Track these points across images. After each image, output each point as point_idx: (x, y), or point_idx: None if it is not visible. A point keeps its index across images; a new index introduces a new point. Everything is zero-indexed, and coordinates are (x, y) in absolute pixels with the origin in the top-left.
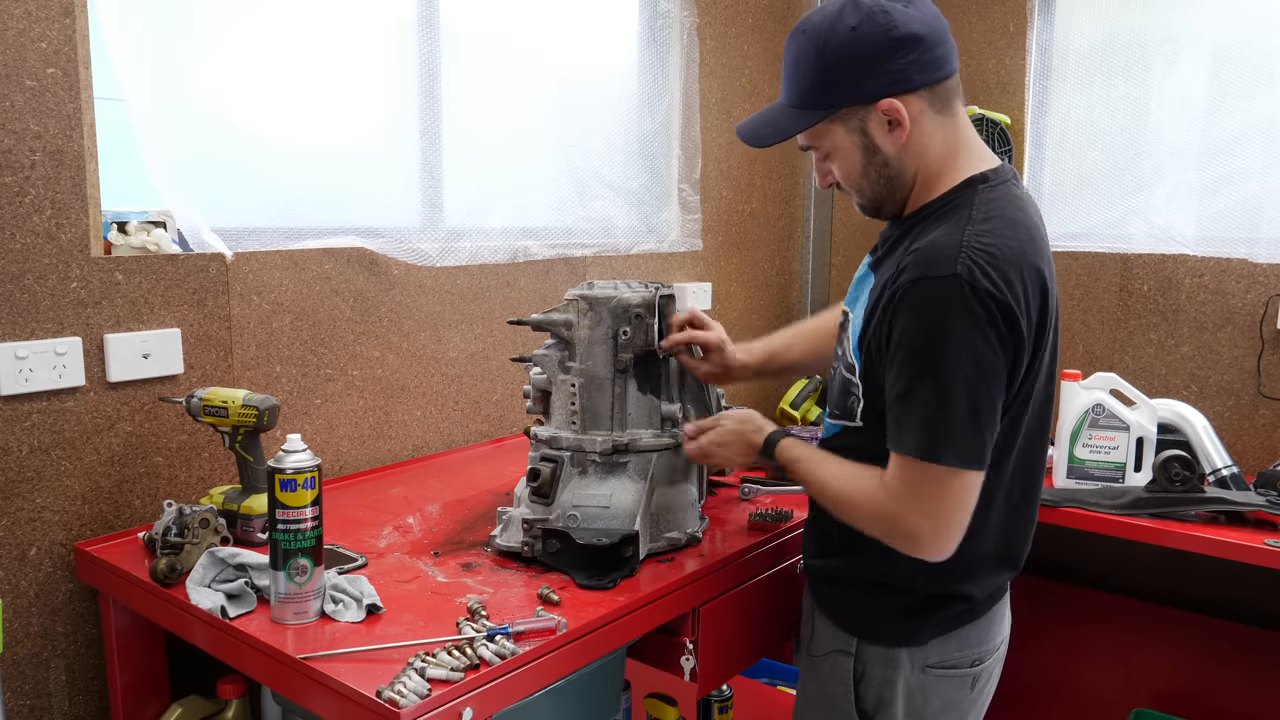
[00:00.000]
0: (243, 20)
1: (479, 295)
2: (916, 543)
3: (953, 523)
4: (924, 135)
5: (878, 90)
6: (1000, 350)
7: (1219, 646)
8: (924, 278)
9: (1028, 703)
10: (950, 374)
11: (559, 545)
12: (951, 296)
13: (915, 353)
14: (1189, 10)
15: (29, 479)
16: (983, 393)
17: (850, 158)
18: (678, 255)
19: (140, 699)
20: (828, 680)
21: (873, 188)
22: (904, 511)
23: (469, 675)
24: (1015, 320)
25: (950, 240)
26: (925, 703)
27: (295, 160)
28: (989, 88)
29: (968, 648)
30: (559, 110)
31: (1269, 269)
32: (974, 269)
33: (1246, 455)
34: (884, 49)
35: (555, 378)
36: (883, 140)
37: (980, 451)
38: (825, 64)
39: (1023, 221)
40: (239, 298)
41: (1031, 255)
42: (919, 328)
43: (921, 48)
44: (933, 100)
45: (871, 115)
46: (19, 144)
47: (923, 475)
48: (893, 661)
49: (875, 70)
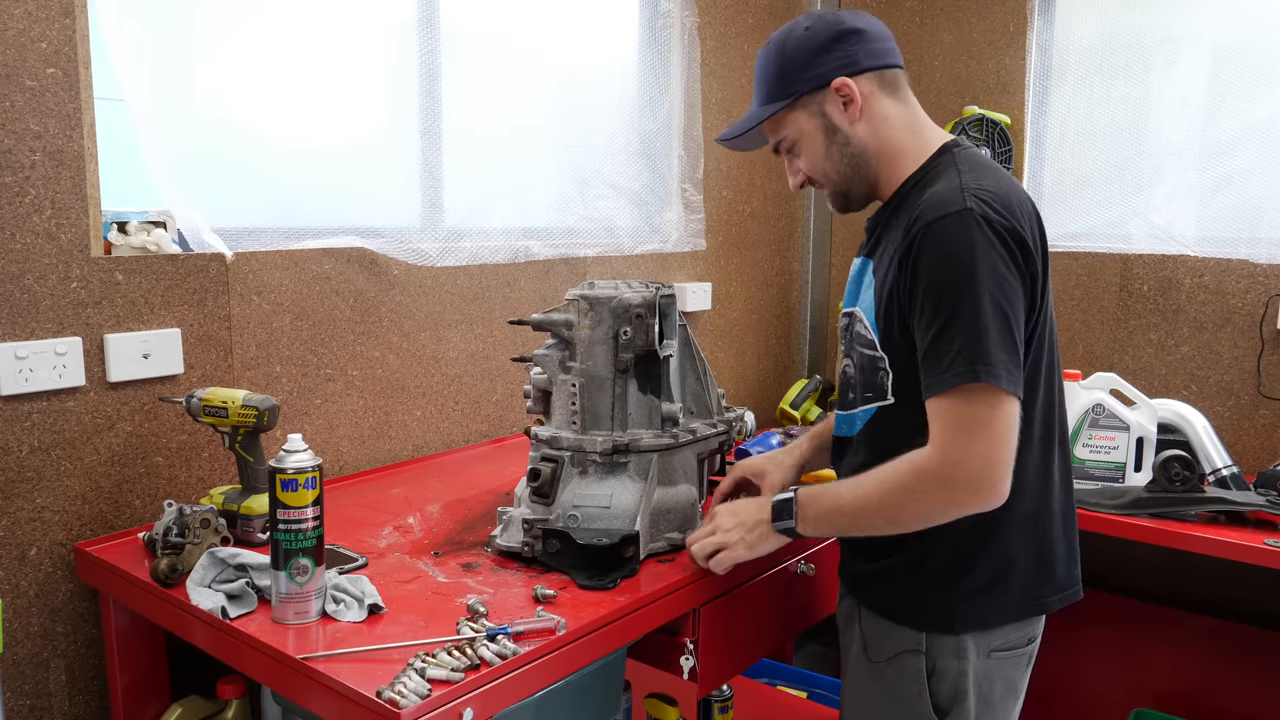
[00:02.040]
0: (243, 20)
1: (479, 295)
2: (975, 483)
3: (1003, 451)
4: (877, 113)
5: (829, 73)
6: (1020, 279)
7: (1219, 646)
8: (939, 217)
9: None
10: (981, 299)
11: (559, 545)
12: (968, 227)
13: (944, 287)
14: (1189, 10)
15: (29, 479)
16: (1013, 317)
17: (814, 142)
18: (678, 255)
19: (140, 699)
20: (896, 683)
21: (838, 169)
22: (957, 454)
23: (469, 675)
24: (1026, 247)
25: (950, 186)
26: (991, 688)
27: (295, 160)
28: (989, 88)
29: (1026, 626)
30: (560, 110)
31: (1269, 269)
32: (981, 203)
33: (1246, 455)
34: (832, 39)
35: (556, 378)
36: (840, 119)
37: (1017, 377)
38: (783, 60)
39: (999, 170)
40: (239, 298)
41: (1022, 195)
42: (942, 261)
43: (866, 38)
44: (881, 83)
45: (827, 97)
46: (19, 144)
47: (970, 404)
48: (963, 651)
49: (826, 57)
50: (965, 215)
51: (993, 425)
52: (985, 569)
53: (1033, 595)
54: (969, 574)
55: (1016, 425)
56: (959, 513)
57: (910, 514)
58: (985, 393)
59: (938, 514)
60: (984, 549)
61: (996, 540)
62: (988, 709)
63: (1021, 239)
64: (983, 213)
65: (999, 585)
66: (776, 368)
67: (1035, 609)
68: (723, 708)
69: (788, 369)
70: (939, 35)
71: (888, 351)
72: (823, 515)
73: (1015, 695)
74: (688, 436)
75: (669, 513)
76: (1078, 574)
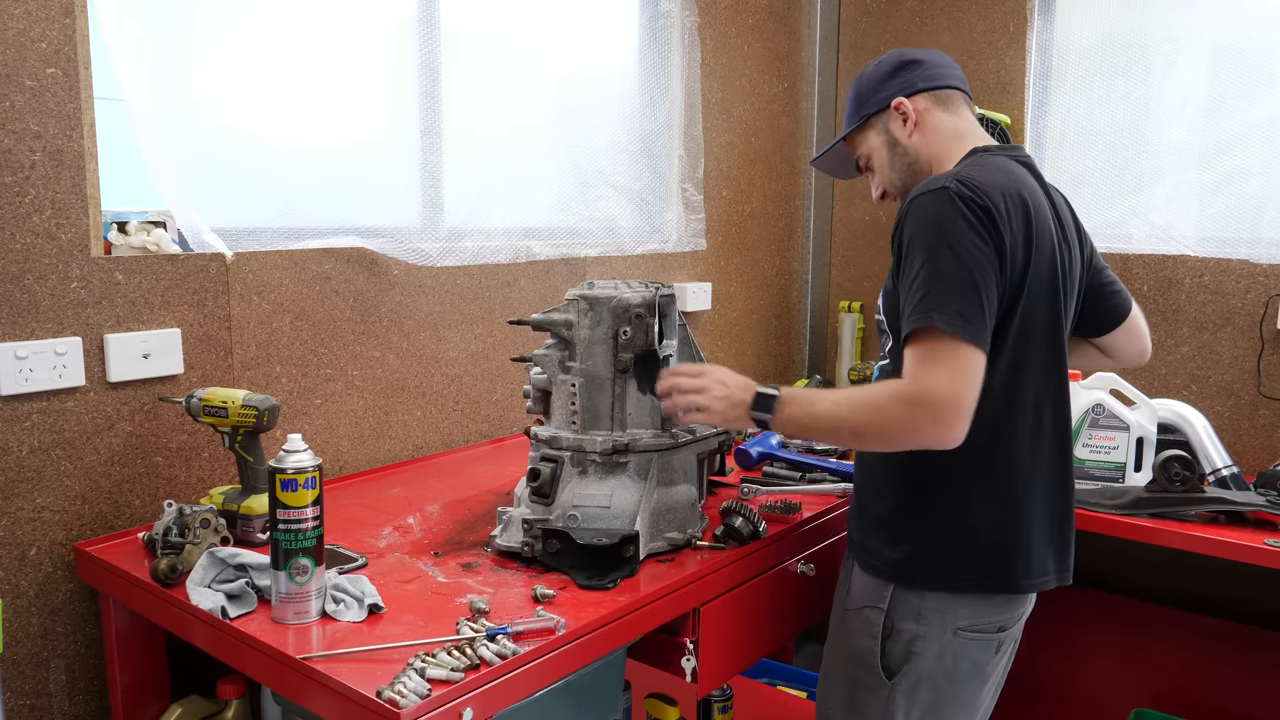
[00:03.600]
0: (243, 20)
1: (479, 295)
2: (937, 412)
3: (964, 387)
4: (930, 124)
5: (889, 96)
6: (991, 248)
7: (1219, 646)
8: (919, 194)
9: (1028, 702)
10: (948, 258)
11: (559, 545)
12: (941, 201)
13: (918, 248)
14: (1189, 10)
15: (29, 479)
16: (979, 277)
17: (881, 156)
18: (678, 255)
19: (140, 699)
20: (855, 634)
21: (900, 176)
22: (922, 380)
23: (469, 675)
24: (996, 221)
25: (943, 175)
26: (955, 663)
27: (295, 160)
28: (989, 88)
29: (995, 614)
30: (560, 110)
31: (1269, 269)
32: (960, 184)
33: (1246, 455)
34: (896, 68)
35: (555, 378)
36: (900, 134)
37: (979, 328)
38: (859, 89)
39: (1004, 168)
40: (239, 298)
41: (1013, 185)
42: (918, 227)
43: (924, 66)
44: (936, 100)
45: (890, 117)
46: (19, 144)
47: (935, 344)
48: (925, 619)
49: (889, 83)
50: (941, 192)
51: (952, 363)
52: (951, 530)
53: (1002, 570)
54: (936, 531)
55: (978, 371)
56: (917, 440)
57: (874, 431)
58: (944, 336)
59: (897, 437)
60: (949, 510)
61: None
62: (950, 683)
63: (991, 214)
64: (957, 190)
65: (963, 549)
66: (776, 367)
67: (1001, 585)
68: (723, 708)
69: (788, 369)
70: (939, 35)
71: (887, 315)
72: (797, 417)
73: (982, 678)
74: (687, 436)
75: (669, 513)
76: (1064, 565)
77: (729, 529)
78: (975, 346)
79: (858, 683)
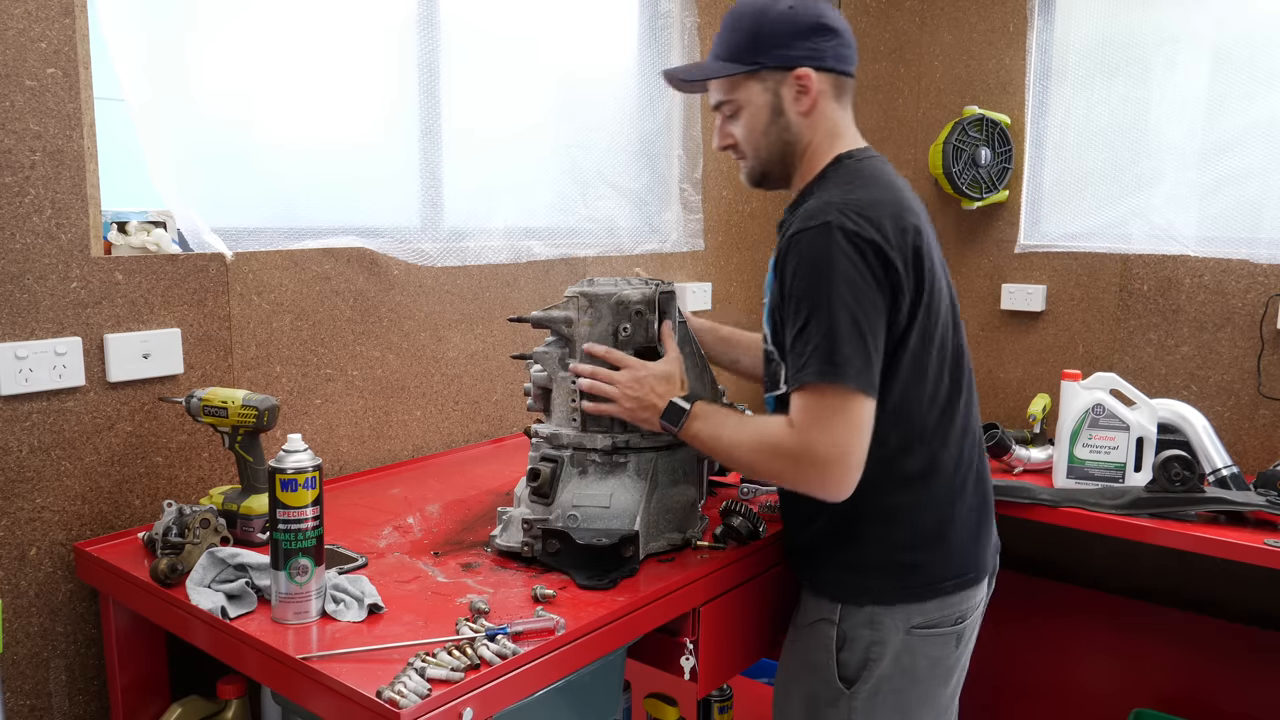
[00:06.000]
0: (243, 20)
1: (479, 295)
2: (823, 472)
3: (855, 447)
4: (821, 112)
5: (797, 59)
6: (875, 285)
7: (1219, 646)
8: (801, 230)
9: (1028, 702)
10: (835, 305)
11: (559, 545)
12: (826, 240)
13: (802, 294)
14: (1189, 10)
15: (29, 479)
16: (865, 323)
17: (758, 115)
18: (678, 255)
19: (140, 699)
20: (810, 650)
21: (769, 148)
22: (808, 439)
23: (469, 675)
24: (886, 254)
25: (822, 202)
26: (914, 661)
27: (295, 160)
28: (989, 88)
29: (949, 607)
30: (560, 110)
31: (1269, 269)
32: (843, 217)
33: (1246, 455)
34: (811, 28)
35: (556, 375)
36: (790, 105)
37: (869, 376)
38: (760, 28)
39: (883, 181)
40: (239, 298)
41: (896, 206)
42: (802, 270)
43: (839, 39)
44: (835, 86)
45: (786, 80)
46: (19, 144)
47: (823, 398)
48: (876, 624)
49: (800, 43)
50: (825, 228)
51: (842, 420)
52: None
53: (932, 578)
54: (871, 553)
55: (867, 421)
56: (806, 491)
57: (764, 474)
58: (835, 391)
59: (787, 485)
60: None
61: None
62: (913, 683)
63: (880, 248)
64: (841, 224)
65: (897, 567)
66: None
67: (933, 592)
68: (723, 708)
69: None
70: (939, 35)
71: (776, 346)
72: (701, 435)
73: (946, 672)
74: None
75: (669, 513)
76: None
77: (729, 529)
78: (864, 395)
79: (816, 698)
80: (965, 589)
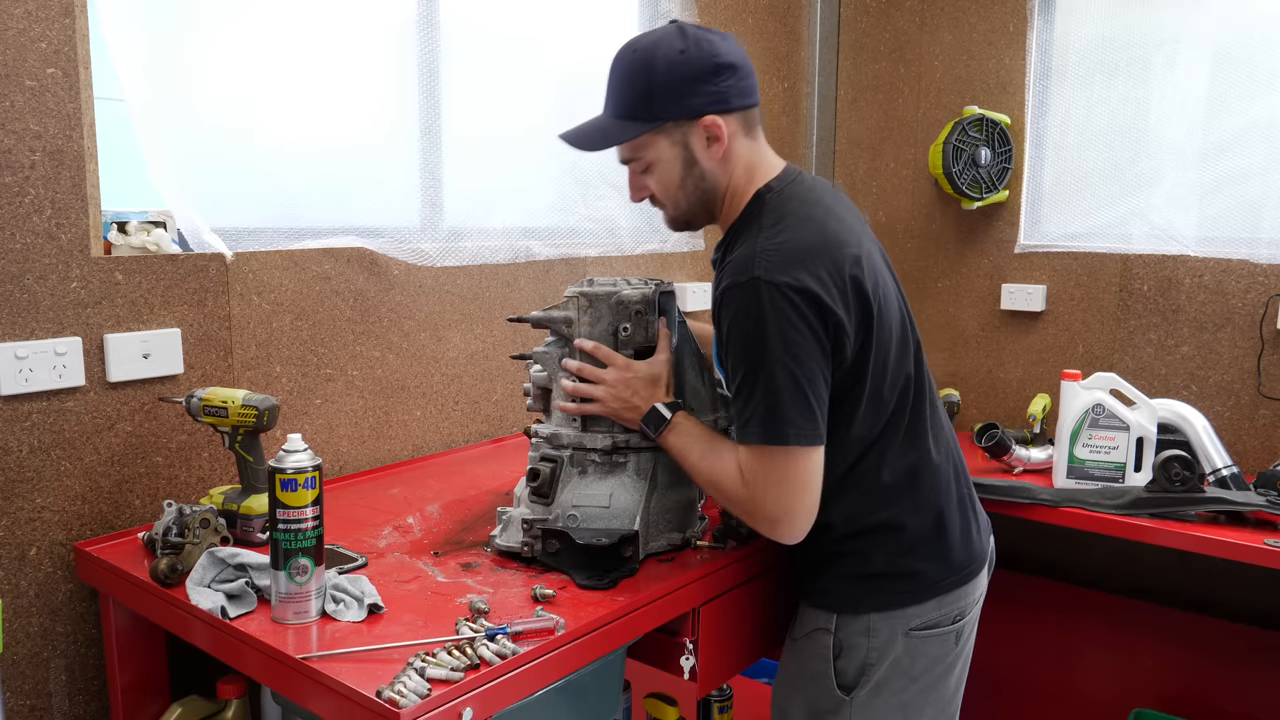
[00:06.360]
0: (243, 20)
1: (479, 295)
2: (773, 526)
3: (801, 503)
4: (734, 153)
5: (700, 107)
6: (812, 335)
7: (1219, 646)
8: (732, 285)
9: (1028, 702)
10: (772, 364)
11: (559, 545)
12: (756, 297)
13: (740, 350)
14: (1189, 10)
15: (29, 479)
16: (804, 377)
17: (670, 169)
18: (677, 255)
19: (140, 699)
20: (807, 659)
21: (688, 199)
22: (757, 496)
23: (469, 675)
24: (821, 303)
25: (747, 250)
26: (913, 662)
27: (295, 160)
28: (989, 88)
29: (947, 606)
30: (560, 110)
31: (1269, 269)
32: (773, 269)
33: (1246, 455)
34: (708, 71)
35: (555, 375)
36: (701, 154)
37: (814, 429)
38: (653, 81)
39: (812, 215)
40: (239, 298)
41: (827, 243)
42: (737, 328)
43: (738, 75)
44: (743, 123)
45: (694, 130)
46: (19, 144)
47: (767, 460)
48: (874, 631)
49: (699, 90)
50: (754, 285)
51: (789, 480)
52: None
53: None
54: (874, 564)
55: (816, 472)
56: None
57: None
58: (780, 452)
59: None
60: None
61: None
62: (913, 683)
63: (814, 296)
64: (770, 279)
65: (898, 574)
66: None
67: (931, 592)
68: (722, 708)
69: None
70: (939, 35)
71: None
72: (675, 447)
73: (947, 669)
74: None
75: (669, 512)
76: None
77: (729, 529)
78: (810, 448)
79: (815, 709)
80: (964, 584)
